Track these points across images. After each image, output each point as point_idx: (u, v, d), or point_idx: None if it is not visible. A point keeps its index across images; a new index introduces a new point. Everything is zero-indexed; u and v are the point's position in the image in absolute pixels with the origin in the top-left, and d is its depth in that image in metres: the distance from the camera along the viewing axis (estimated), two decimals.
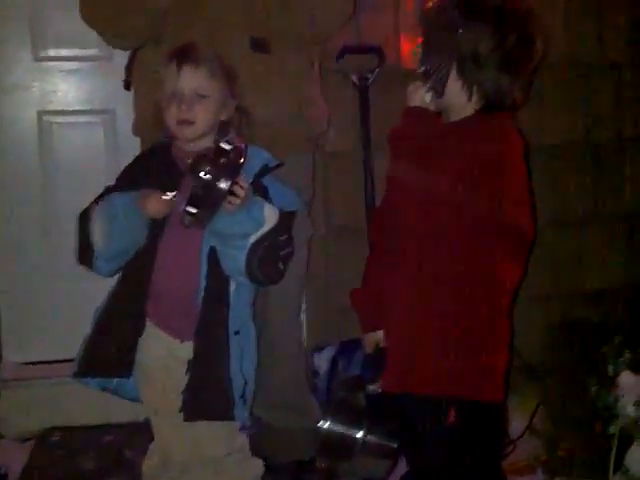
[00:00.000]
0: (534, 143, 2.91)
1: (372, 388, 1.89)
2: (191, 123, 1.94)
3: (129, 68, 2.35)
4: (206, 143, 1.96)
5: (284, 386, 2.46)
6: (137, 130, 2.35)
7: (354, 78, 2.80)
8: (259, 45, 2.20)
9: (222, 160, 1.79)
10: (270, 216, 1.91)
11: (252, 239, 1.89)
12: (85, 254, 1.98)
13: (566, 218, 3.15)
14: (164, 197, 1.89)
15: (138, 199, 1.91)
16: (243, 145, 1.83)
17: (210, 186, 1.78)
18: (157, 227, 1.96)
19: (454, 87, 1.80)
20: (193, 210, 1.78)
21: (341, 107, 2.80)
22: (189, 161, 1.82)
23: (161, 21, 2.18)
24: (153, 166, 2.02)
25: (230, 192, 1.80)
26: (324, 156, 2.82)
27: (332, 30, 2.43)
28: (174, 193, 1.89)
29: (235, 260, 1.90)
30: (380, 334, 1.96)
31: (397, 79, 2.80)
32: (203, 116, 1.95)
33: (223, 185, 1.78)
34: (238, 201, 1.82)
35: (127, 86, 2.37)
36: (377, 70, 2.80)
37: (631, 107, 3.17)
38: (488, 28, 1.75)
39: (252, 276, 1.93)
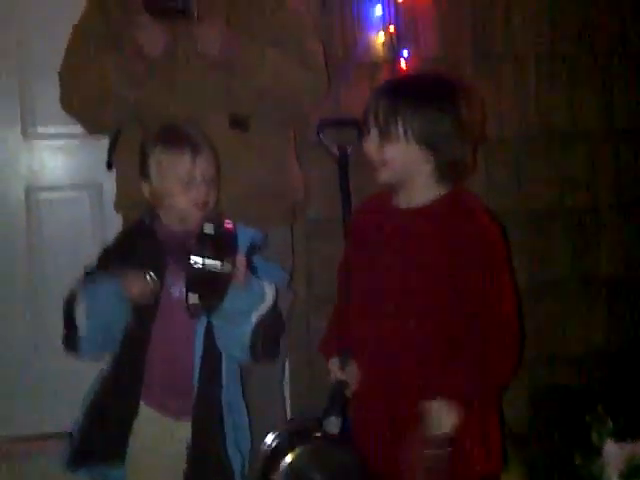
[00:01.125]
0: (512, 209, 3.04)
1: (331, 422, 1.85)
2: (206, 206, 1.96)
3: (111, 148, 2.39)
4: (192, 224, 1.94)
5: None
6: (119, 207, 2.38)
7: (334, 150, 2.86)
8: (238, 123, 2.24)
9: (214, 240, 1.75)
10: (269, 292, 1.91)
11: (255, 316, 1.88)
12: (69, 340, 1.98)
13: (545, 284, 3.19)
14: (147, 279, 1.89)
15: (121, 282, 1.90)
16: (231, 223, 1.81)
17: (209, 271, 1.73)
18: (149, 308, 1.94)
19: (412, 158, 1.84)
20: (196, 297, 1.75)
21: (322, 176, 2.88)
22: (191, 244, 1.77)
23: (137, 106, 2.23)
24: (135, 246, 2.00)
25: (232, 272, 1.78)
26: (306, 224, 2.86)
27: (307, 110, 2.47)
28: (154, 277, 1.89)
29: (239, 338, 1.89)
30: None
31: None
32: (212, 199, 1.98)
33: (224, 267, 1.74)
34: (241, 279, 1.81)
35: (109, 166, 2.41)
36: (356, 142, 2.80)
37: (605, 173, 3.24)
38: (444, 109, 1.82)
39: (255, 353, 1.91)
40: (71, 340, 1.97)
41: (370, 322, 1.89)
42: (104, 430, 1.98)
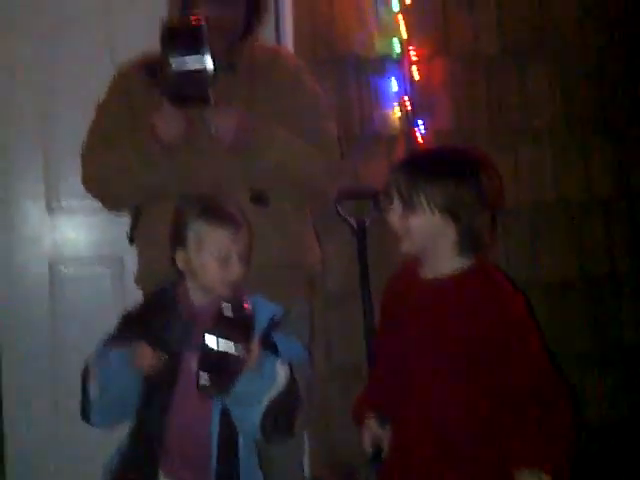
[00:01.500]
0: (528, 280, 3.04)
1: None
2: (234, 284, 1.96)
3: (133, 223, 2.43)
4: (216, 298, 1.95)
5: None
6: (140, 281, 2.41)
7: (352, 221, 2.90)
8: (258, 199, 2.28)
9: (232, 324, 1.76)
10: (282, 373, 1.89)
11: (266, 398, 1.86)
12: (84, 409, 2.00)
13: (564, 354, 3.16)
14: (156, 352, 1.89)
15: (132, 354, 1.91)
16: (249, 305, 1.81)
17: (223, 353, 1.74)
18: (167, 379, 1.94)
19: (434, 228, 1.87)
20: (207, 379, 1.75)
21: (340, 249, 2.92)
22: (208, 323, 1.79)
23: (162, 183, 2.27)
24: (155, 315, 1.99)
25: (245, 356, 1.78)
26: (325, 296, 2.89)
27: (322, 189, 2.49)
28: (166, 356, 1.89)
29: (249, 420, 1.88)
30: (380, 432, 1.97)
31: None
32: (242, 276, 1.98)
33: (237, 350, 1.75)
34: (253, 362, 1.81)
35: (131, 240, 2.45)
36: (373, 213, 2.90)
37: (622, 242, 3.26)
38: (464, 179, 1.87)
39: (267, 435, 1.89)
40: (85, 410, 1.99)
41: (404, 392, 1.91)
42: None
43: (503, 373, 1.81)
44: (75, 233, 3.11)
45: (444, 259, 1.90)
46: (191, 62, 2.10)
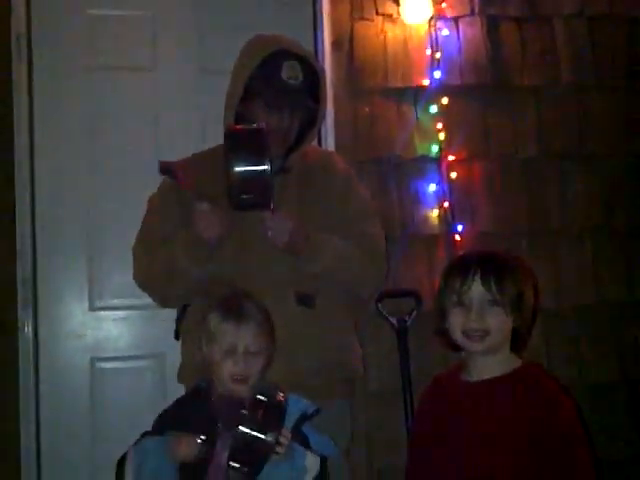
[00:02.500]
0: (573, 383, 2.97)
1: None
2: (245, 379, 1.98)
3: (179, 319, 2.45)
4: (247, 390, 1.98)
5: None
6: (182, 378, 2.41)
7: (393, 320, 2.89)
8: (304, 300, 2.29)
9: (264, 412, 1.80)
10: (312, 465, 1.90)
11: None
12: None
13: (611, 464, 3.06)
14: (194, 440, 1.90)
15: (169, 442, 1.93)
16: (282, 396, 1.84)
17: (254, 441, 1.78)
18: (198, 473, 1.93)
19: (507, 327, 1.93)
20: (236, 465, 1.78)
21: (382, 348, 2.91)
22: (241, 412, 1.83)
23: (207, 279, 2.29)
24: (190, 410, 2.03)
25: (275, 445, 1.80)
26: (366, 397, 2.86)
27: (368, 295, 2.55)
28: (203, 438, 1.90)
29: None
30: None
31: (433, 321, 2.94)
32: (255, 371, 2.00)
33: (268, 439, 1.78)
34: (282, 451, 1.82)
35: (177, 336, 2.46)
36: (414, 313, 2.90)
37: None
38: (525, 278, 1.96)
39: None
40: None
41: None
42: None
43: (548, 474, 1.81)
44: (116, 330, 3.14)
45: (501, 359, 1.94)
46: (254, 167, 2.14)
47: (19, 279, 3.00)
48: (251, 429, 1.78)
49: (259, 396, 1.82)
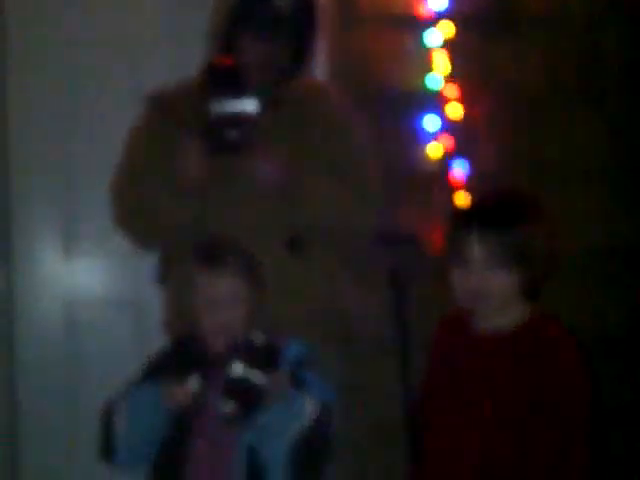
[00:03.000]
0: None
1: None
2: (224, 331, 1.96)
3: (162, 263, 2.37)
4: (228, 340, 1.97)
5: None
6: (167, 325, 2.34)
7: (389, 267, 2.83)
8: (294, 246, 2.23)
9: (258, 354, 1.82)
10: (311, 410, 1.89)
11: (293, 434, 1.86)
12: (106, 449, 1.97)
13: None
14: (188, 388, 1.87)
15: (161, 391, 1.91)
16: (278, 339, 1.86)
17: (246, 381, 1.78)
18: (189, 421, 1.92)
19: (510, 285, 1.82)
20: (228, 405, 1.78)
21: (377, 295, 2.84)
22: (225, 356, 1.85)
23: (193, 225, 2.23)
24: (180, 357, 2.00)
25: (268, 386, 1.81)
26: (360, 346, 2.77)
27: (363, 239, 2.46)
28: (197, 385, 1.87)
29: (275, 457, 1.86)
30: None
31: (432, 268, 2.84)
32: (236, 321, 1.97)
33: (259, 379, 1.79)
34: (277, 394, 1.83)
35: (160, 279, 2.38)
36: (412, 257, 2.84)
37: None
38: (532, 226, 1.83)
39: (295, 473, 1.88)
40: (107, 449, 1.97)
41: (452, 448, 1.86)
42: None
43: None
44: (92, 276, 3.11)
45: (505, 310, 1.85)
46: (234, 105, 2.07)
47: None
48: (245, 371, 1.79)
49: (255, 336, 1.85)
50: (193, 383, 1.87)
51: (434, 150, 3.01)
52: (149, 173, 2.25)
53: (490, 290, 1.81)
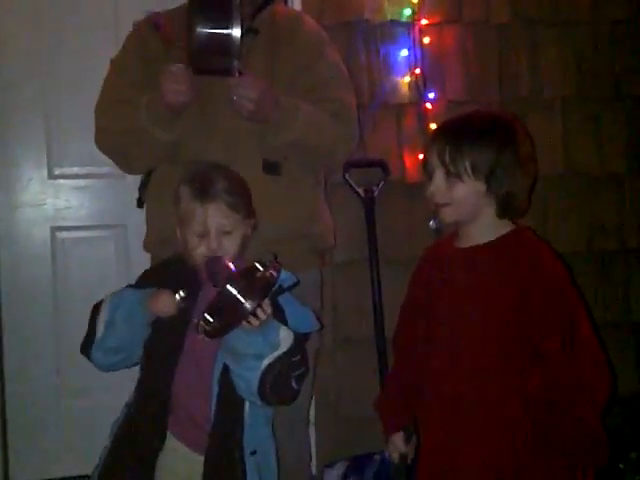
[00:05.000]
0: None
1: None
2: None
3: (143, 187, 2.39)
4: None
5: None
6: (148, 247, 2.37)
7: (360, 191, 2.86)
8: (271, 168, 2.25)
9: (253, 280, 1.79)
10: (285, 339, 1.89)
11: (266, 361, 1.86)
12: (86, 342, 2.00)
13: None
14: (174, 296, 1.90)
15: (147, 295, 1.94)
16: (276, 271, 1.82)
17: (234, 302, 1.77)
18: (177, 335, 1.96)
19: (477, 196, 1.86)
20: (210, 318, 1.79)
21: (349, 219, 2.87)
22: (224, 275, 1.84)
23: (173, 147, 2.24)
24: (173, 272, 2.03)
25: (252, 313, 1.80)
26: (332, 267, 2.84)
27: (339, 161, 2.51)
28: (183, 295, 1.91)
29: (247, 381, 1.88)
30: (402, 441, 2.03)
31: (401, 192, 2.92)
32: (230, 250, 1.97)
33: (248, 305, 1.78)
34: (257, 323, 1.82)
35: (140, 204, 2.40)
36: (382, 183, 2.87)
37: (633, 217, 3.21)
38: (505, 143, 1.85)
39: (264, 398, 1.89)
40: (87, 343, 1.99)
41: (438, 365, 1.90)
42: (130, 455, 1.96)
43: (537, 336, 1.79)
44: (77, 200, 3.10)
45: (484, 227, 1.89)
46: (219, 29, 2.05)
47: None
48: (236, 291, 1.77)
49: (257, 264, 1.81)
50: (179, 294, 1.90)
51: (405, 80, 3.02)
52: (130, 93, 2.25)
53: (450, 199, 1.85)
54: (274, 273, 1.81)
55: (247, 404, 1.95)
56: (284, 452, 2.19)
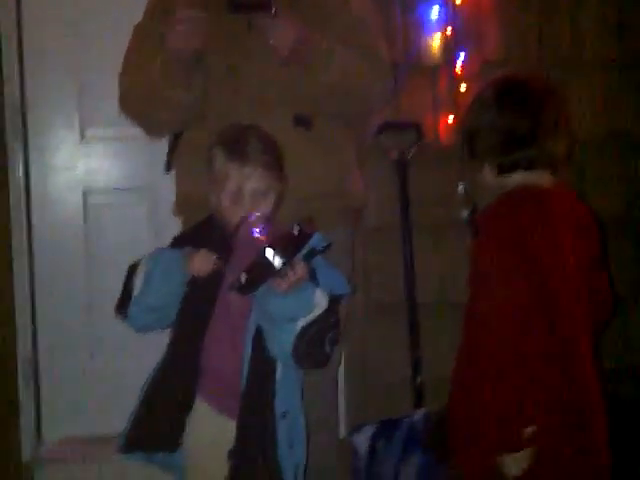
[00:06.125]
0: None
1: None
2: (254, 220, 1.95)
3: (170, 150, 2.37)
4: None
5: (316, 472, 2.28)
6: (178, 211, 2.36)
7: (393, 154, 2.82)
8: (301, 122, 2.20)
9: (287, 238, 1.80)
10: (320, 301, 1.89)
11: (301, 323, 1.86)
12: (122, 302, 1.99)
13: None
14: (211, 256, 1.91)
15: (185, 254, 1.94)
16: (310, 231, 1.82)
17: (265, 259, 1.78)
18: (207, 297, 1.96)
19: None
20: (244, 278, 1.79)
21: (381, 183, 2.84)
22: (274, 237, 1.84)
23: (201, 106, 2.20)
24: (206, 234, 2.03)
25: (282, 271, 1.80)
26: (364, 232, 2.81)
27: (374, 108, 2.46)
28: (220, 256, 1.92)
29: (282, 343, 1.88)
30: None
31: (435, 155, 2.87)
32: (265, 210, 1.96)
33: (277, 262, 1.78)
34: (288, 282, 1.82)
35: (168, 168, 2.38)
36: (415, 146, 2.82)
37: None
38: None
39: (299, 360, 1.90)
40: (123, 304, 1.99)
41: None
42: (159, 417, 1.98)
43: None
44: (109, 163, 3.11)
45: None
46: None
47: (7, 107, 2.92)
48: (269, 248, 1.77)
49: (295, 228, 1.80)
50: (215, 254, 1.91)
51: (437, 40, 2.96)
52: (151, 56, 2.20)
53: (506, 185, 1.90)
54: (307, 232, 1.80)
55: (279, 366, 1.95)
56: (311, 414, 2.17)
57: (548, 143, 1.86)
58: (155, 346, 2.06)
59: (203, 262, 1.91)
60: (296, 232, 1.80)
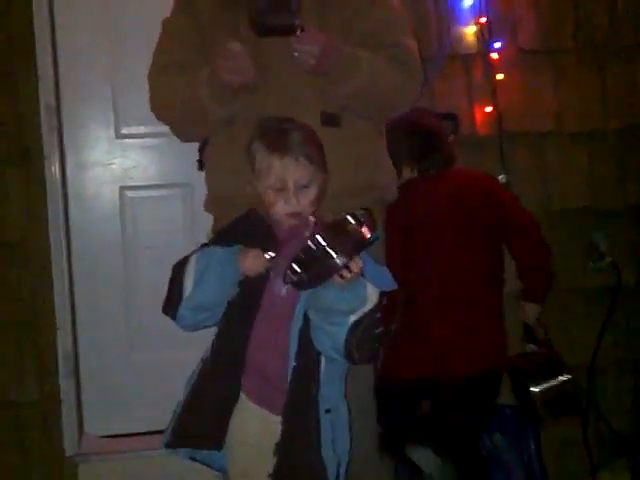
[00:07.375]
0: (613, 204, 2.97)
1: None
2: (299, 214, 1.94)
3: (202, 149, 2.37)
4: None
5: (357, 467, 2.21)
6: (209, 208, 2.36)
7: None
8: (330, 120, 2.20)
9: (344, 234, 1.74)
10: (371, 295, 1.86)
11: (353, 317, 1.83)
12: (171, 302, 1.95)
13: None
14: (263, 255, 1.89)
15: (237, 254, 1.91)
16: (370, 228, 1.76)
17: (324, 255, 1.73)
18: (254, 293, 1.95)
19: None
20: (297, 269, 1.75)
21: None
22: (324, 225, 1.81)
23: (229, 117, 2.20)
24: (249, 229, 2.00)
25: (344, 268, 1.76)
26: None
27: (401, 110, 2.42)
28: (273, 254, 1.88)
29: (334, 337, 1.85)
30: None
31: (469, 145, 2.86)
32: (308, 205, 1.95)
33: (338, 260, 1.73)
34: (349, 277, 1.78)
35: (200, 166, 2.39)
36: (452, 136, 2.80)
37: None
38: None
39: (349, 355, 1.86)
40: (172, 303, 1.95)
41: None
42: (204, 414, 1.97)
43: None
44: (144, 159, 3.12)
45: None
46: None
47: (42, 106, 2.94)
48: (326, 243, 1.72)
49: (348, 217, 1.74)
50: (268, 253, 1.88)
51: (472, 28, 2.96)
52: (182, 57, 2.21)
53: None
54: (368, 230, 1.74)
55: (323, 360, 1.93)
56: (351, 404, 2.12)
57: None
58: (195, 340, 2.05)
59: (255, 261, 1.89)
60: (351, 223, 1.74)
